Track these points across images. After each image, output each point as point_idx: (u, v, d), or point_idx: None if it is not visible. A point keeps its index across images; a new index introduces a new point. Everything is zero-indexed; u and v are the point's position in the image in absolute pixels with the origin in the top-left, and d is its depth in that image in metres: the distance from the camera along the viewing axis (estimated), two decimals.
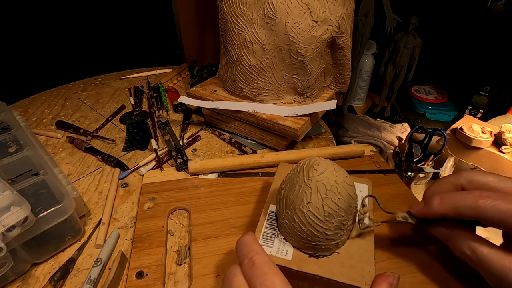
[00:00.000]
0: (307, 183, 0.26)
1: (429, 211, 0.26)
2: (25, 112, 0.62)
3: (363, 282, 0.25)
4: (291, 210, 0.26)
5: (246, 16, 0.45)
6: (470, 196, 0.23)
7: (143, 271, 0.31)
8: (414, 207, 0.27)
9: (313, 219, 0.25)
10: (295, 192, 0.26)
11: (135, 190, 0.43)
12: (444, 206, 0.24)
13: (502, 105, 0.65)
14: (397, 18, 0.72)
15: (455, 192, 0.25)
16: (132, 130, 0.56)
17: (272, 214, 0.31)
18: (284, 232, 0.28)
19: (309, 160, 0.28)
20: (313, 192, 0.25)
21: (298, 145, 0.53)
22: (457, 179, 0.26)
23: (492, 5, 0.62)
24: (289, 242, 0.28)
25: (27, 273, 0.33)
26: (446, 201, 0.24)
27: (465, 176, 0.26)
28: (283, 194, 0.28)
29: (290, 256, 0.27)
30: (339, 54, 0.49)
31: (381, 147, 0.66)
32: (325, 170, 0.26)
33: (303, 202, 0.25)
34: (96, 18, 0.93)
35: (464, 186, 0.26)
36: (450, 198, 0.24)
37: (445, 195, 0.25)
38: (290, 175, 0.29)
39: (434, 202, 0.25)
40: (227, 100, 0.52)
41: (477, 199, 0.23)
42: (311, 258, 0.27)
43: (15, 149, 0.42)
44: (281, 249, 0.27)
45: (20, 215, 0.28)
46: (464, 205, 0.23)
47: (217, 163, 0.44)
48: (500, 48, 0.76)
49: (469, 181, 0.26)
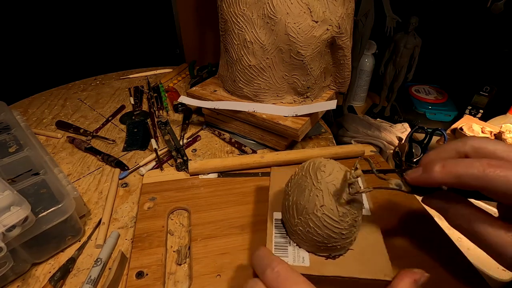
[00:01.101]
0: (317, 186, 0.25)
1: (428, 178, 0.23)
2: (25, 112, 0.62)
3: (382, 274, 0.25)
4: (304, 216, 0.26)
5: (246, 16, 0.45)
6: (477, 164, 0.21)
7: (143, 271, 0.31)
8: (410, 173, 0.25)
9: (328, 221, 0.25)
10: (306, 197, 0.26)
11: (135, 190, 0.43)
12: (446, 173, 0.22)
13: (502, 105, 0.65)
14: (397, 18, 0.72)
15: (459, 159, 0.23)
16: (132, 130, 0.56)
17: (278, 222, 0.30)
18: (298, 238, 0.27)
19: (313, 162, 0.27)
20: (325, 194, 0.25)
21: (298, 145, 0.53)
22: (461, 145, 0.23)
23: (492, 5, 0.62)
24: (303, 247, 0.27)
25: (27, 273, 0.33)
26: (449, 168, 0.22)
27: (471, 143, 0.23)
28: (291, 200, 0.27)
29: (307, 262, 0.26)
30: (339, 54, 0.49)
31: (381, 147, 0.66)
32: (333, 170, 0.26)
33: (316, 206, 0.25)
34: (96, 18, 0.93)
35: (469, 154, 0.23)
36: (454, 165, 0.22)
37: (448, 161, 0.22)
38: (295, 180, 0.28)
39: (435, 168, 0.22)
40: (227, 100, 0.52)
41: (485, 168, 0.20)
42: (328, 260, 0.26)
43: (15, 149, 0.42)
44: (296, 257, 0.27)
45: (20, 215, 0.28)
46: (470, 174, 0.21)
47: (217, 163, 0.44)
48: (500, 48, 0.76)
49: (475, 149, 0.23)
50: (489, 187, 0.20)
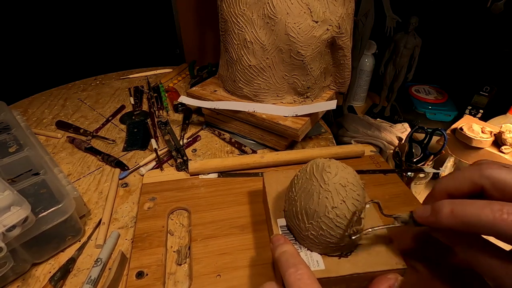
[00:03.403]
0: (325, 188, 0.25)
1: (435, 222, 0.21)
2: (25, 112, 0.62)
3: (394, 263, 0.25)
4: (315, 220, 0.26)
5: (246, 16, 0.45)
6: (487, 210, 0.19)
7: (143, 271, 0.31)
8: (419, 212, 0.23)
9: (341, 221, 0.25)
10: (315, 201, 0.26)
11: (135, 190, 0.43)
12: (455, 219, 0.20)
13: (502, 105, 0.65)
14: (397, 18, 0.72)
15: (468, 201, 0.20)
16: (132, 130, 0.56)
17: (284, 228, 0.30)
18: (309, 243, 0.27)
19: (316, 164, 0.27)
20: (334, 196, 0.25)
21: (298, 145, 0.53)
22: (477, 177, 0.21)
23: (492, 5, 0.62)
24: (315, 251, 0.27)
25: (27, 273, 0.33)
26: (458, 213, 0.20)
27: (487, 175, 0.21)
28: (299, 206, 0.27)
29: (322, 266, 0.26)
30: (339, 54, 0.49)
31: (381, 147, 0.66)
32: (337, 170, 0.26)
33: (327, 208, 0.25)
34: (96, 18, 0.93)
35: (486, 187, 0.21)
36: (463, 209, 0.20)
37: (456, 205, 0.20)
38: (299, 185, 0.28)
39: (443, 211, 0.21)
40: (227, 100, 0.52)
41: (495, 215, 0.18)
42: (341, 259, 0.26)
43: (15, 149, 0.42)
44: (311, 261, 0.27)
45: (20, 215, 0.28)
46: (479, 221, 0.19)
47: (217, 163, 0.44)
48: (500, 48, 0.76)
49: (493, 183, 0.20)
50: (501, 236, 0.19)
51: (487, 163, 0.21)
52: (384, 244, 0.27)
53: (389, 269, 0.25)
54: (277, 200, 0.33)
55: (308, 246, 0.28)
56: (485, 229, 0.19)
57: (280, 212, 0.31)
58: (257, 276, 0.30)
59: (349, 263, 0.26)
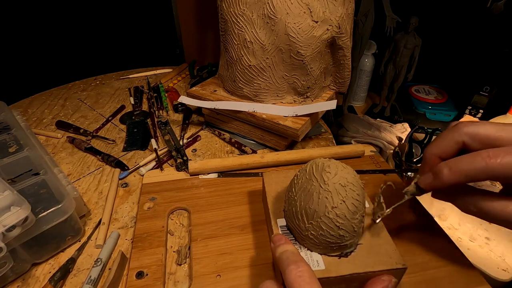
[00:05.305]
0: (325, 187, 0.25)
1: (440, 183, 0.24)
2: (25, 112, 0.62)
3: (393, 262, 0.26)
4: (315, 220, 0.26)
5: (246, 16, 0.45)
6: (478, 159, 0.22)
7: (143, 271, 0.31)
8: (423, 180, 0.26)
9: (341, 221, 0.25)
10: (315, 201, 0.26)
11: (135, 190, 0.43)
12: (455, 175, 0.23)
13: (502, 105, 0.65)
14: (397, 18, 0.72)
15: (461, 157, 0.24)
16: (132, 130, 0.56)
17: (284, 229, 0.30)
18: (309, 243, 0.27)
19: (315, 164, 0.27)
20: (334, 196, 0.25)
21: (298, 145, 0.53)
22: (457, 136, 0.25)
23: (492, 5, 0.62)
24: (315, 251, 0.27)
25: (27, 273, 0.33)
26: (455, 169, 0.23)
27: (465, 131, 0.24)
28: (299, 206, 0.27)
29: (322, 266, 0.26)
30: (339, 54, 0.49)
31: (381, 147, 0.66)
32: (337, 169, 0.26)
33: (327, 208, 0.25)
34: (96, 18, 0.93)
35: (467, 142, 0.24)
36: (458, 165, 0.23)
37: (452, 163, 0.24)
38: (299, 185, 0.28)
39: (443, 172, 0.24)
40: (227, 100, 0.52)
41: (487, 161, 0.22)
42: (341, 259, 0.26)
43: (15, 149, 0.42)
44: (310, 261, 0.27)
45: (20, 215, 0.28)
46: (475, 170, 0.22)
47: (217, 163, 0.44)
48: (500, 48, 0.76)
49: (471, 137, 0.24)
50: (495, 177, 0.22)
51: (461, 123, 0.25)
52: (384, 243, 0.27)
53: (389, 269, 0.25)
54: (277, 200, 0.33)
55: (308, 246, 0.28)
56: (482, 175, 0.22)
57: (280, 212, 0.31)
58: (257, 276, 0.30)
59: (349, 263, 0.26)
